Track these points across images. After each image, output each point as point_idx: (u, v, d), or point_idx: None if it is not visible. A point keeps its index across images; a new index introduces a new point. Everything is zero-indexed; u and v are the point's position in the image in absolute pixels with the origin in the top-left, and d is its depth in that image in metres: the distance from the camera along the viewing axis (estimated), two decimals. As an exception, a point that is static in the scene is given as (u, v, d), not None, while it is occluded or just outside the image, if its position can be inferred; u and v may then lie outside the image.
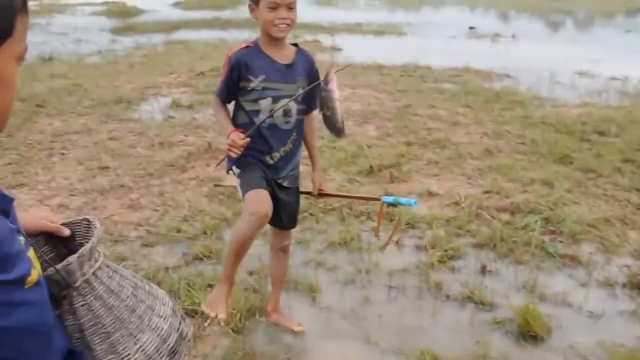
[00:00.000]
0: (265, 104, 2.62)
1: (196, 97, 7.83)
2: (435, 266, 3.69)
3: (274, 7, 2.52)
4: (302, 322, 3.16)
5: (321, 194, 2.95)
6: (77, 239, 1.41)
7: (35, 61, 10.31)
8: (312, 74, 2.72)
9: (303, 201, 4.38)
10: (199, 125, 6.57)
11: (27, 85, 7.99)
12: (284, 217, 2.88)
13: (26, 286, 1.10)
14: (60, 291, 1.29)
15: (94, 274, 1.31)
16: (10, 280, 1.07)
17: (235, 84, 2.62)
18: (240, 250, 2.65)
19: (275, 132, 2.67)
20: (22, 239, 1.13)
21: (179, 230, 4.11)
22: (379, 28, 15.22)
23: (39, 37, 13.44)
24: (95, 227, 1.36)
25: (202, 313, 3.12)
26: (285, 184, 2.79)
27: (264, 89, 2.61)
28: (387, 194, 4.64)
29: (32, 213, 1.43)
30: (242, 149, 2.49)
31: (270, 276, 3.18)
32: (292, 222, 3.00)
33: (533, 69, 9.97)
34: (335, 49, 11.96)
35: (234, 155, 2.52)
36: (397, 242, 3.97)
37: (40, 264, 1.26)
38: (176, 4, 21.73)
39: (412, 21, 16.80)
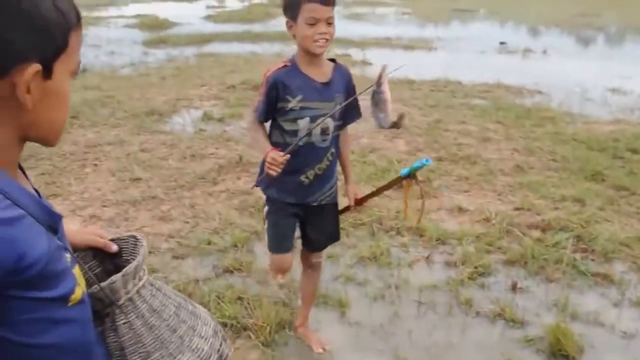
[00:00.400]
0: (303, 123, 2.63)
1: (227, 110, 7.91)
2: (465, 283, 3.69)
3: (313, 23, 2.51)
4: (331, 337, 3.19)
5: (357, 203, 2.93)
6: (124, 255, 1.42)
7: (69, 73, 10.53)
8: (349, 90, 2.72)
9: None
10: (230, 138, 6.64)
11: (62, 96, 8.15)
12: (315, 238, 2.92)
13: (69, 304, 1.12)
14: (103, 308, 1.30)
15: (137, 292, 1.32)
16: (54, 297, 1.08)
17: (273, 104, 2.63)
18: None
19: (312, 150, 2.68)
20: (68, 256, 1.14)
21: (209, 243, 4.17)
22: (409, 43, 15.23)
23: (74, 49, 13.70)
24: (142, 245, 1.37)
25: (232, 326, 3.19)
26: (323, 202, 2.81)
27: (302, 108, 2.61)
28: (417, 209, 4.65)
29: (82, 229, 1.45)
30: (282, 166, 2.49)
31: (301, 291, 3.20)
32: (331, 239, 3.03)
33: (564, 85, 9.91)
34: (365, 63, 12.00)
35: (273, 174, 2.51)
36: (427, 257, 3.99)
37: (86, 280, 1.27)
38: (208, 17, 22.00)
39: (442, 36, 16.79)
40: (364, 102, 2.65)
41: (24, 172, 1.20)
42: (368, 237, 4.28)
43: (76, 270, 1.17)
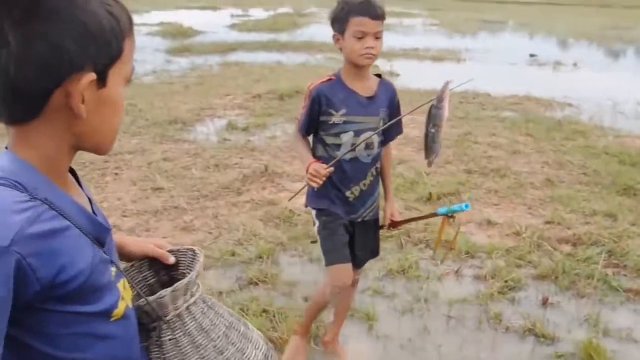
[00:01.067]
0: (346, 137, 2.63)
1: (252, 119, 7.97)
2: (495, 297, 3.67)
3: (360, 37, 2.52)
4: (359, 351, 3.19)
5: (392, 225, 2.91)
6: (180, 267, 1.40)
7: (92, 81, 10.65)
8: (393, 105, 2.74)
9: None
10: (255, 148, 6.68)
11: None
12: (359, 255, 2.89)
13: (112, 319, 1.11)
14: (150, 322, 1.28)
15: (187, 308, 1.30)
16: (95, 312, 1.08)
17: (316, 117, 2.65)
18: (320, 309, 3.00)
19: (356, 165, 2.68)
20: (113, 269, 1.13)
21: (233, 254, 4.17)
22: (437, 54, 15.22)
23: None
24: (198, 260, 1.35)
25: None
26: (366, 218, 2.80)
27: (346, 122, 2.62)
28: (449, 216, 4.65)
29: (143, 238, 1.46)
30: (324, 178, 2.51)
31: (335, 307, 3.15)
32: (372, 255, 3.01)
33: (595, 98, 9.85)
34: (392, 74, 12.00)
35: (315, 186, 2.53)
36: (456, 271, 3.98)
37: (138, 290, 1.28)
38: (232, 26, 22.15)
39: (471, 47, 16.74)
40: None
41: (77, 180, 1.20)
42: (396, 249, 4.28)
43: (121, 284, 1.16)
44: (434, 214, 2.74)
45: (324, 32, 19.30)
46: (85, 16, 0.99)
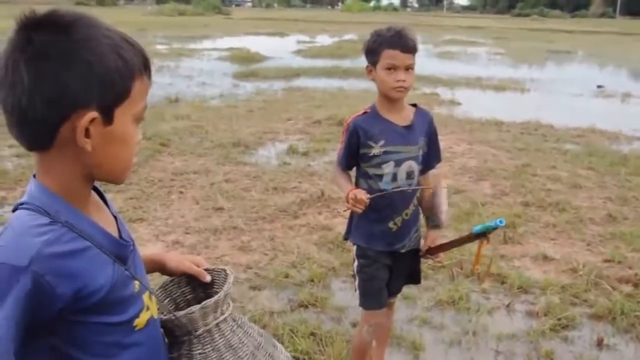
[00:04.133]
0: (388, 168, 2.63)
1: (312, 144, 8.06)
2: (547, 334, 3.58)
3: (392, 69, 2.54)
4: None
5: (429, 251, 2.84)
6: (215, 286, 1.47)
7: (162, 102, 10.99)
8: (431, 133, 2.72)
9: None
10: (314, 173, 6.75)
11: (154, 124, 8.51)
12: (395, 282, 2.86)
13: (136, 328, 1.22)
14: (182, 335, 1.35)
15: (217, 325, 1.35)
16: (120, 322, 1.19)
17: (355, 151, 2.66)
18: (363, 352, 2.95)
19: (397, 196, 2.66)
20: (137, 283, 1.23)
21: (286, 276, 4.22)
22: (500, 83, 15.06)
23: (167, 79, 14.31)
24: (228, 281, 1.41)
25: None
26: (409, 248, 2.78)
27: (386, 153, 2.61)
28: (501, 256, 4.58)
29: (183, 255, 1.55)
30: (365, 203, 2.49)
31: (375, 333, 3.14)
32: (409, 280, 2.98)
33: (667, 131, 9.53)
34: (454, 103, 11.95)
35: (358, 211, 2.52)
36: (507, 305, 3.90)
37: (167, 307, 1.38)
38: (298, 52, 22.51)
39: (536, 77, 16.51)
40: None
41: (104, 200, 1.29)
42: (447, 280, 4.23)
43: (147, 296, 1.26)
44: (470, 236, 2.63)
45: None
46: (92, 58, 1.08)
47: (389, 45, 2.54)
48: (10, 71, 1.06)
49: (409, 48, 2.54)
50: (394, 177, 2.64)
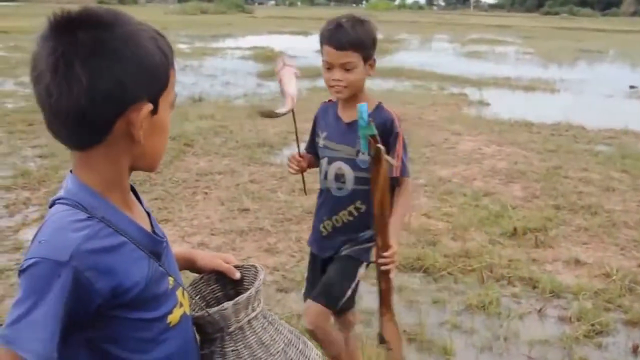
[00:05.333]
0: (323, 164, 2.51)
1: (337, 145, 8.04)
2: (580, 341, 3.56)
3: (328, 67, 2.38)
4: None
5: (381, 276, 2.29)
6: (245, 283, 1.50)
7: (186, 101, 11.01)
8: (386, 137, 2.32)
9: (441, 259, 4.42)
10: (342, 174, 6.73)
11: (178, 124, 8.53)
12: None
13: (170, 324, 1.25)
14: (214, 332, 1.38)
15: (248, 322, 1.38)
16: (155, 318, 1.22)
17: (313, 136, 2.61)
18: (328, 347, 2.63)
19: (329, 197, 2.51)
20: (171, 279, 1.26)
21: (313, 278, 4.23)
22: (530, 83, 14.94)
23: (191, 78, 14.33)
24: (259, 278, 1.43)
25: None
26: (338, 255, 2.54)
27: (325, 147, 2.50)
28: (532, 260, 4.56)
29: (212, 253, 1.60)
30: (297, 162, 2.54)
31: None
32: (324, 294, 2.53)
33: None
34: (482, 103, 11.89)
35: (291, 170, 2.58)
36: (539, 310, 3.88)
37: (205, 302, 1.44)
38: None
39: (566, 77, 16.32)
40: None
41: (137, 196, 1.34)
42: (477, 284, 4.22)
43: (180, 292, 1.30)
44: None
45: (413, 58, 19.47)
46: (139, 52, 1.13)
47: (325, 40, 2.37)
48: (63, 72, 1.07)
49: (343, 45, 2.31)
50: (325, 176, 2.51)
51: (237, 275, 1.51)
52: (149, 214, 1.34)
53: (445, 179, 6.55)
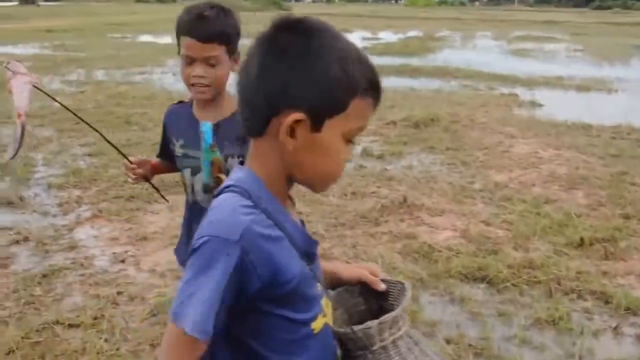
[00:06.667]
0: (186, 175, 2.27)
1: (387, 147, 8.00)
2: (661, 362, 3.44)
3: (189, 62, 2.12)
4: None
5: None
6: (390, 299, 1.47)
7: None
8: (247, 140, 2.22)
9: (504, 269, 4.33)
10: (392, 177, 6.69)
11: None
12: None
13: (314, 331, 1.27)
14: (356, 350, 1.35)
15: (393, 342, 1.34)
16: (302, 320, 1.25)
17: (166, 144, 2.34)
18: None
19: (197, 211, 2.23)
20: (319, 285, 1.29)
21: (373, 286, 4.17)
22: (583, 83, 14.62)
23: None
24: (406, 295, 1.40)
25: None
26: None
27: (184, 155, 2.25)
28: (603, 272, 4.43)
29: (356, 263, 1.64)
30: (131, 170, 2.32)
31: None
32: None
33: None
34: (534, 104, 11.68)
35: (130, 179, 2.37)
36: (614, 328, 3.76)
37: (348, 315, 1.45)
38: (364, 49, 22.39)
39: (623, 76, 15.94)
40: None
41: (293, 204, 1.38)
42: (544, 297, 4.11)
43: (324, 301, 1.31)
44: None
45: (457, 57, 19.26)
46: (317, 64, 1.16)
47: (185, 31, 2.11)
48: (249, 59, 1.21)
49: (207, 36, 2.08)
50: (192, 189, 2.27)
51: (382, 286, 1.49)
52: (302, 223, 1.37)
53: (502, 185, 6.42)
